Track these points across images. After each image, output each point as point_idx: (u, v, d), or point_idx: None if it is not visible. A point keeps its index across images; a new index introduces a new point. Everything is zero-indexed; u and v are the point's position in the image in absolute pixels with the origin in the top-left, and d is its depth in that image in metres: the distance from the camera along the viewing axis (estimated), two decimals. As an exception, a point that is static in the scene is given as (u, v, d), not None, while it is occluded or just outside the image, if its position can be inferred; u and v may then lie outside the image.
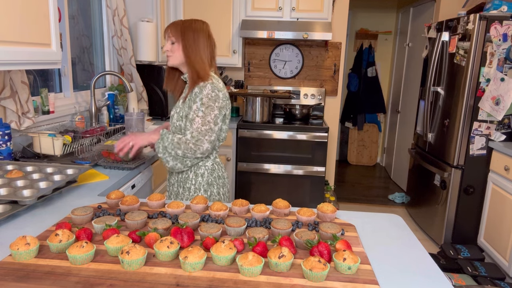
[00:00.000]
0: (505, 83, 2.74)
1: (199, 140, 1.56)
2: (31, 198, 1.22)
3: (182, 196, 1.71)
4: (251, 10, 3.47)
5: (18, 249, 0.91)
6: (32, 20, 1.49)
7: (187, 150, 1.56)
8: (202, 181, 1.68)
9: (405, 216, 3.91)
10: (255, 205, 1.23)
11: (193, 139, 1.56)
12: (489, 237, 2.89)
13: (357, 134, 5.71)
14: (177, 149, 1.56)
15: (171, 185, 1.79)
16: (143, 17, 3.03)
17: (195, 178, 1.68)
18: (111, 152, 1.78)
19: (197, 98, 1.58)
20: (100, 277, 0.86)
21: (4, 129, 1.71)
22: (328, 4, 3.41)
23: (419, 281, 0.92)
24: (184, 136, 1.58)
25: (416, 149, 3.80)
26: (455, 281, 2.50)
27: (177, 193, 1.74)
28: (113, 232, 1.00)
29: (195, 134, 1.56)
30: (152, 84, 3.22)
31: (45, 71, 2.32)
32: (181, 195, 1.72)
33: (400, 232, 1.20)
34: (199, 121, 1.57)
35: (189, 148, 1.56)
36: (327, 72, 3.92)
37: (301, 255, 0.99)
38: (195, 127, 1.56)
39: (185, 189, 1.69)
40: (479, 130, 2.94)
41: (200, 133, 1.56)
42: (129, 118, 2.12)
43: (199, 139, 1.56)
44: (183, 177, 1.69)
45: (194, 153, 1.57)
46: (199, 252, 0.90)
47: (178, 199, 1.73)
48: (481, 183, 3.00)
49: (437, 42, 3.27)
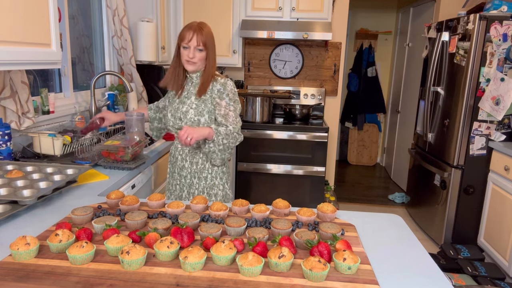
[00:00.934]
0: (505, 83, 2.74)
1: (239, 130, 1.78)
2: (31, 198, 1.22)
3: (198, 186, 1.83)
4: (251, 10, 3.47)
5: (18, 249, 0.91)
6: (32, 20, 1.49)
7: (234, 140, 1.74)
8: (218, 170, 1.85)
9: (405, 216, 3.91)
10: (255, 205, 1.23)
11: (235, 130, 1.75)
12: (489, 237, 2.89)
13: (357, 134, 5.71)
14: (229, 140, 1.72)
15: (182, 177, 1.86)
16: (143, 17, 3.03)
17: (212, 167, 1.83)
18: (111, 152, 1.78)
19: (224, 94, 1.75)
20: (100, 277, 0.86)
21: (4, 129, 1.71)
22: (328, 4, 3.41)
23: (419, 281, 0.92)
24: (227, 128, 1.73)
25: (416, 149, 3.80)
26: (455, 281, 2.50)
27: (190, 184, 1.85)
28: (113, 232, 1.00)
29: (234, 126, 1.75)
30: (152, 84, 3.21)
31: (45, 71, 2.32)
32: (196, 185, 1.83)
33: (400, 232, 1.20)
34: (233, 115, 1.76)
35: (235, 138, 1.75)
36: (327, 72, 3.92)
37: (301, 255, 0.99)
38: (231, 120, 1.75)
39: (201, 178, 1.83)
40: (479, 130, 2.94)
41: (237, 124, 1.77)
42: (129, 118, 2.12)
43: (239, 129, 1.77)
44: (198, 168, 1.82)
45: (236, 142, 1.77)
46: (199, 252, 0.90)
47: (192, 190, 1.84)
48: (481, 183, 3.00)
49: (437, 42, 3.27)
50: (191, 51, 1.70)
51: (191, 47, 1.70)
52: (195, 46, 1.70)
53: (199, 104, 1.76)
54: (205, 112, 1.76)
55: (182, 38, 1.71)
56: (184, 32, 1.72)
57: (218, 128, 1.70)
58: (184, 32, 1.72)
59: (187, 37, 1.70)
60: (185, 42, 1.71)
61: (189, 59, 1.72)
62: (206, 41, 1.70)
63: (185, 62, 1.74)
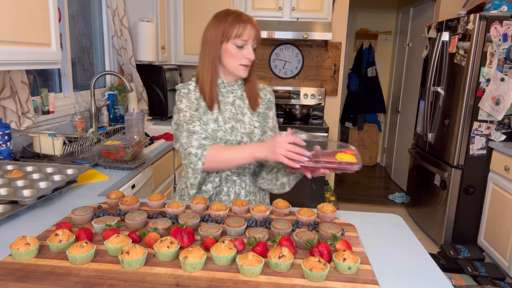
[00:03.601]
0: (505, 83, 2.74)
1: None
2: (31, 198, 1.22)
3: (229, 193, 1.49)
4: (251, 10, 3.47)
5: (18, 249, 0.91)
6: (32, 20, 1.49)
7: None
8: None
9: (405, 216, 3.91)
10: (255, 205, 1.23)
11: None
12: (489, 237, 2.89)
13: (357, 134, 5.71)
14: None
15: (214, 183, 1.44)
16: (143, 17, 3.03)
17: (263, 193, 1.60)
18: (111, 152, 1.78)
19: (272, 104, 1.50)
20: (100, 277, 0.86)
21: (4, 129, 1.71)
22: (328, 4, 3.41)
23: (419, 281, 0.92)
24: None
25: (416, 149, 3.80)
26: (455, 281, 2.50)
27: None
28: (113, 232, 1.00)
29: None
30: (152, 84, 3.21)
31: (45, 71, 2.32)
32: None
33: (400, 232, 1.20)
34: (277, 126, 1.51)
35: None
36: (327, 72, 3.92)
37: (301, 255, 0.98)
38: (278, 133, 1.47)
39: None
40: (479, 130, 2.94)
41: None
42: (129, 118, 2.12)
43: None
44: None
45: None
46: (199, 252, 0.90)
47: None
48: (481, 183, 3.00)
49: (437, 42, 3.27)
50: (250, 50, 1.33)
51: (249, 45, 1.32)
52: (252, 45, 1.33)
53: (259, 120, 1.43)
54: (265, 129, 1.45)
55: (238, 34, 1.28)
56: (236, 24, 1.29)
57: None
58: (236, 24, 1.29)
59: (245, 31, 1.29)
60: (243, 38, 1.29)
61: (247, 63, 1.34)
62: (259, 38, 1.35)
63: (238, 67, 1.33)
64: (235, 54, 1.31)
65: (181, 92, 1.39)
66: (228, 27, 1.29)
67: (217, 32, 1.31)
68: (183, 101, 1.36)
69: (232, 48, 1.30)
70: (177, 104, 1.38)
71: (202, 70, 1.36)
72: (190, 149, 1.28)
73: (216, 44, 1.31)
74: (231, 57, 1.32)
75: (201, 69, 1.36)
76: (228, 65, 1.34)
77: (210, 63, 1.34)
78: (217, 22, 1.31)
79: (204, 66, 1.35)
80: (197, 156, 1.26)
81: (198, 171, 1.27)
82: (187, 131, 1.31)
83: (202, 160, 1.26)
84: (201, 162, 1.26)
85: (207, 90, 1.35)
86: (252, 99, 1.43)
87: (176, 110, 1.38)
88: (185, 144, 1.29)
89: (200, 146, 1.27)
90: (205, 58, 1.35)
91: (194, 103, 1.36)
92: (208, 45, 1.33)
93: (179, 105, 1.37)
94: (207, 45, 1.34)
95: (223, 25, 1.30)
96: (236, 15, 1.30)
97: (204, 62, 1.35)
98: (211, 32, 1.32)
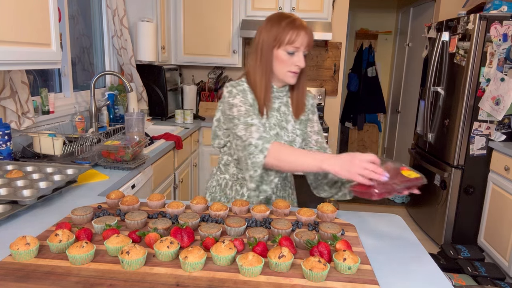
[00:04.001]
0: (505, 83, 2.74)
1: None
2: (31, 198, 1.22)
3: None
4: (251, 10, 3.47)
5: (18, 249, 0.91)
6: (32, 20, 1.49)
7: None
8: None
9: (405, 216, 3.91)
10: (255, 205, 1.23)
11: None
12: (489, 237, 2.89)
13: (357, 134, 5.71)
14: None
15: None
16: (143, 17, 3.03)
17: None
18: (111, 152, 1.78)
19: (315, 108, 1.49)
20: (100, 277, 0.86)
21: (4, 129, 1.71)
22: (328, 4, 3.41)
23: (419, 281, 0.92)
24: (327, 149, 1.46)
25: (416, 149, 3.80)
26: (455, 281, 2.50)
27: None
28: (113, 232, 1.00)
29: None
30: (152, 84, 3.21)
31: (45, 71, 2.32)
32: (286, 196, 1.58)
33: (400, 232, 1.20)
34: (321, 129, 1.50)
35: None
36: (327, 72, 3.92)
37: (301, 255, 0.98)
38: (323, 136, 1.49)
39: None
40: (479, 130, 2.94)
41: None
42: (129, 118, 2.12)
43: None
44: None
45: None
46: (199, 252, 0.90)
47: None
48: (481, 183, 3.00)
49: (437, 42, 3.27)
50: (301, 57, 1.28)
51: (300, 52, 1.28)
52: (303, 51, 1.29)
53: (300, 127, 1.42)
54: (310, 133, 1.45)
55: (290, 40, 1.25)
56: (289, 30, 1.25)
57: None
58: (289, 31, 1.25)
59: (298, 38, 1.25)
60: (295, 45, 1.26)
61: (296, 70, 1.30)
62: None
63: (286, 74, 1.30)
64: (285, 61, 1.28)
65: (235, 89, 1.33)
66: (281, 33, 1.25)
67: (269, 36, 1.27)
68: (237, 97, 1.30)
69: (283, 55, 1.27)
70: (229, 100, 1.31)
71: (255, 75, 1.32)
72: (250, 139, 1.21)
73: (268, 50, 1.28)
74: (281, 63, 1.29)
75: (253, 73, 1.33)
76: (277, 71, 1.31)
77: (264, 69, 1.31)
78: (270, 26, 1.28)
79: (257, 72, 1.32)
80: (258, 147, 1.20)
81: (259, 164, 1.19)
82: (244, 123, 1.25)
83: (264, 153, 1.19)
84: (263, 155, 1.19)
85: (261, 96, 1.32)
86: (298, 107, 1.40)
87: (227, 105, 1.31)
88: (244, 136, 1.23)
89: (261, 137, 1.21)
90: (258, 63, 1.31)
91: (249, 101, 1.31)
92: (261, 50, 1.30)
93: (232, 100, 1.30)
94: (260, 50, 1.30)
95: (276, 30, 1.26)
96: (290, 21, 1.26)
97: (257, 67, 1.32)
98: (263, 36, 1.29)
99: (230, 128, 1.31)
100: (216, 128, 1.40)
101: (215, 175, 1.52)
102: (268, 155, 1.19)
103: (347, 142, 5.77)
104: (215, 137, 1.42)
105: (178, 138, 2.62)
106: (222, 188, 1.48)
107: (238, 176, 1.44)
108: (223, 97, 1.34)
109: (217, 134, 1.41)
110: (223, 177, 1.48)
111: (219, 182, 1.49)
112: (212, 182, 1.53)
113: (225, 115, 1.34)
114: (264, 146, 1.20)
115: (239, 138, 1.26)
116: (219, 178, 1.50)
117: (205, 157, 3.44)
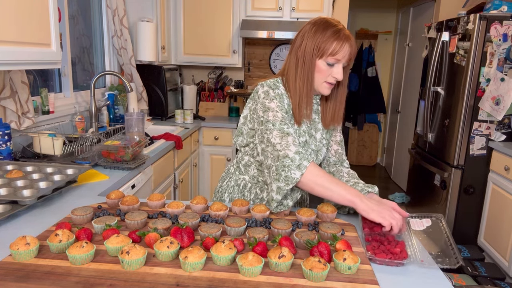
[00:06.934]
0: (505, 83, 2.74)
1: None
2: (31, 198, 1.22)
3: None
4: (251, 10, 3.47)
5: (18, 249, 0.91)
6: (32, 20, 1.49)
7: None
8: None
9: (405, 216, 3.90)
10: (255, 205, 1.23)
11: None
12: (489, 237, 2.89)
13: (357, 134, 5.71)
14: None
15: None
16: (143, 17, 3.03)
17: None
18: (111, 152, 1.78)
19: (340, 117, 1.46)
20: (100, 277, 0.86)
21: (4, 129, 1.71)
22: (328, 4, 3.41)
23: (419, 281, 0.92)
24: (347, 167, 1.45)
25: (416, 149, 3.80)
26: (455, 281, 2.50)
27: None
28: (113, 232, 1.00)
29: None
30: (152, 84, 3.22)
31: (45, 71, 2.32)
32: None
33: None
34: (343, 140, 1.49)
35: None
36: (327, 72, 3.91)
37: (301, 255, 0.99)
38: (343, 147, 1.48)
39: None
40: (479, 130, 2.94)
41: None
42: (129, 118, 2.12)
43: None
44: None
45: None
46: (199, 252, 0.90)
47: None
48: (481, 183, 3.00)
49: (437, 42, 3.27)
50: (340, 69, 1.23)
51: (340, 64, 1.24)
52: (343, 63, 1.24)
53: (327, 137, 1.41)
54: (331, 142, 1.46)
55: (333, 51, 1.20)
56: (334, 41, 1.20)
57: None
58: (334, 41, 1.20)
59: (341, 50, 1.20)
60: (337, 58, 1.21)
61: (333, 81, 1.26)
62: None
63: (322, 84, 1.26)
64: (324, 71, 1.24)
65: (272, 91, 1.27)
66: (324, 42, 1.21)
67: (312, 44, 1.22)
68: (274, 101, 1.25)
69: (323, 65, 1.23)
70: (264, 101, 1.25)
71: (295, 81, 1.27)
72: (286, 151, 1.16)
73: (311, 58, 1.23)
74: (319, 73, 1.25)
75: (293, 79, 1.27)
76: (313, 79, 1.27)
77: (306, 78, 1.25)
78: (314, 32, 1.23)
79: (297, 79, 1.26)
80: (294, 161, 1.14)
81: (294, 180, 1.14)
82: (280, 130, 1.20)
83: (302, 171, 1.13)
84: (300, 173, 1.13)
85: (303, 105, 1.27)
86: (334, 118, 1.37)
87: (261, 106, 1.25)
88: (279, 145, 1.18)
89: (298, 152, 1.16)
90: (299, 70, 1.26)
91: (285, 107, 1.27)
92: (303, 56, 1.24)
93: (268, 103, 1.24)
94: (302, 56, 1.25)
95: (320, 38, 1.21)
96: (335, 30, 1.21)
97: (298, 73, 1.26)
98: (306, 42, 1.24)
99: (261, 130, 1.25)
100: (242, 125, 1.35)
101: (233, 175, 1.47)
102: (305, 175, 1.14)
103: (347, 142, 5.78)
104: (239, 134, 1.37)
105: (178, 138, 2.62)
106: (241, 189, 1.44)
107: (259, 179, 1.40)
108: (258, 96, 1.28)
109: (242, 131, 1.36)
110: (242, 178, 1.44)
111: (237, 183, 1.44)
112: (230, 182, 1.47)
113: (256, 115, 1.28)
114: (302, 163, 1.14)
115: (271, 145, 1.20)
116: (238, 178, 1.45)
117: (205, 157, 3.44)
